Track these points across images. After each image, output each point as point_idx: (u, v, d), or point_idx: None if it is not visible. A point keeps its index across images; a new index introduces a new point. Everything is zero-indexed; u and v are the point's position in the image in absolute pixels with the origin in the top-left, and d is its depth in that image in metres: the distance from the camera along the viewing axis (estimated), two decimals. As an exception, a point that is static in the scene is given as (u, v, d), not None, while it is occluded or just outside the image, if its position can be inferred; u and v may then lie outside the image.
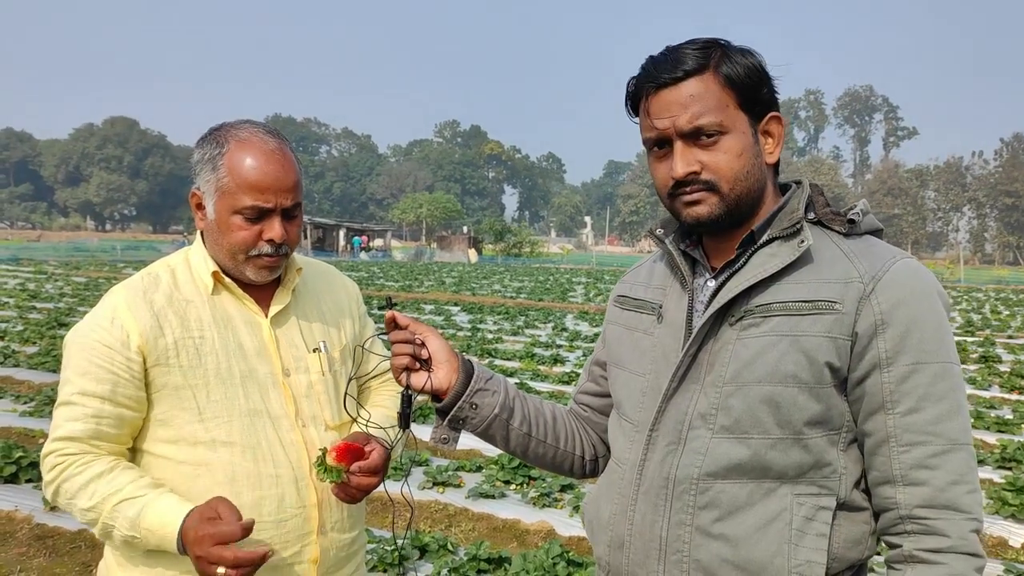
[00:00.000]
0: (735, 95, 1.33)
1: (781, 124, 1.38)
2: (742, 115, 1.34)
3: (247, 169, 1.63)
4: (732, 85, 1.32)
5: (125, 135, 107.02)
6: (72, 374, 1.63)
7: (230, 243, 1.67)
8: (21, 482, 5.54)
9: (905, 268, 1.32)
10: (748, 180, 1.35)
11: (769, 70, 1.37)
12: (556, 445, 1.62)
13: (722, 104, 1.32)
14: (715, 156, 1.33)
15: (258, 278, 1.71)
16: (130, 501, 1.57)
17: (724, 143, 1.33)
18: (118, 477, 1.61)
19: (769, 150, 1.38)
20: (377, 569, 4.33)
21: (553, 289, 28.02)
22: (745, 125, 1.34)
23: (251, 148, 1.65)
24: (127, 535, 1.57)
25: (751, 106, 1.34)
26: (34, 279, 25.68)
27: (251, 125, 1.70)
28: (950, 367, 1.29)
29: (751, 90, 1.33)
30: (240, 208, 1.64)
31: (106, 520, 1.58)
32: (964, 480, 1.27)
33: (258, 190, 1.64)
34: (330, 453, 1.62)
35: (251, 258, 1.68)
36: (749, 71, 1.33)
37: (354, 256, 55.03)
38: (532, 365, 11.17)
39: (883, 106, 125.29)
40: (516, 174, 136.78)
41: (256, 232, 1.66)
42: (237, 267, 1.70)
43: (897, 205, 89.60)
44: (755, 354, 1.31)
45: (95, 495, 1.58)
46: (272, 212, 1.66)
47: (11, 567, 4.32)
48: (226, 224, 1.66)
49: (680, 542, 1.34)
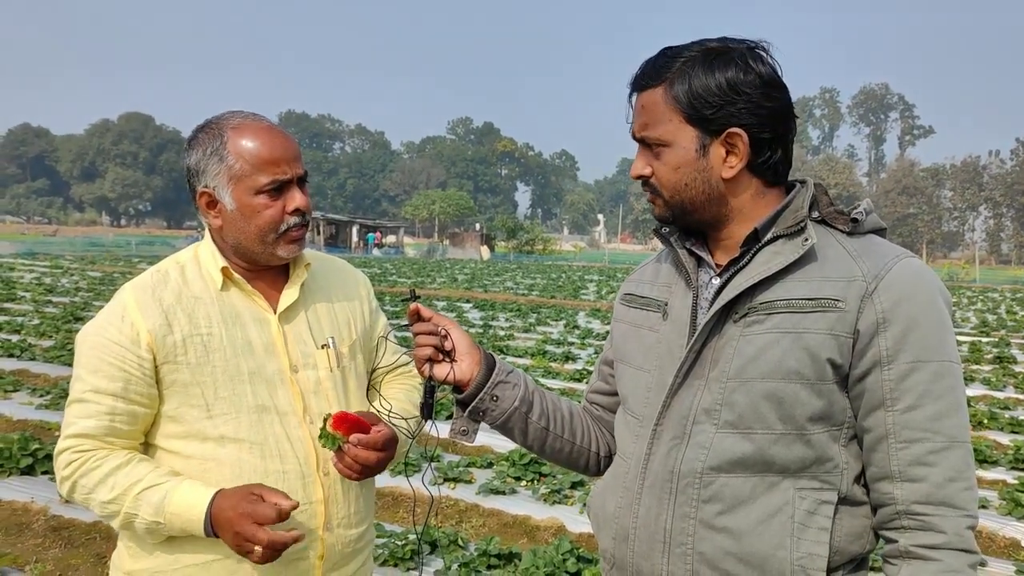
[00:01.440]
0: (680, 110, 1.36)
1: (743, 140, 1.36)
2: (689, 130, 1.37)
3: (255, 148, 1.67)
4: (678, 101, 1.36)
5: (140, 131, 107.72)
6: (84, 372, 1.66)
7: (259, 225, 1.69)
8: (37, 474, 5.60)
9: (907, 267, 1.33)
10: (689, 192, 1.40)
11: (749, 83, 1.34)
12: (572, 441, 1.64)
13: (666, 118, 1.38)
14: (659, 166, 1.42)
15: (289, 254, 1.74)
16: (153, 488, 1.61)
17: (665, 155, 1.40)
18: (137, 468, 1.64)
19: (730, 164, 1.38)
20: (388, 563, 4.35)
21: (565, 286, 28.01)
22: (690, 140, 1.37)
23: (249, 130, 1.68)
24: (151, 521, 1.60)
25: (701, 122, 1.36)
26: (50, 273, 25.90)
27: (232, 113, 1.74)
28: (950, 365, 1.31)
29: (699, 107, 1.35)
30: (261, 187, 1.67)
31: (128, 510, 1.61)
32: (961, 477, 1.29)
33: (273, 163, 1.67)
34: (330, 420, 1.65)
35: (281, 236, 1.71)
36: (703, 89, 1.34)
37: (367, 252, 55.17)
38: (543, 362, 11.19)
39: (899, 104, 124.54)
40: (529, 171, 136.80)
41: (280, 207, 1.69)
42: (267, 249, 1.72)
43: (912, 204, 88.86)
44: (758, 350, 1.33)
45: (116, 487, 1.61)
46: (290, 182, 1.70)
47: (27, 558, 4.38)
48: (250, 207, 1.68)
49: (684, 535, 1.36)
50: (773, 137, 1.38)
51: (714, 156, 1.38)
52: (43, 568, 4.25)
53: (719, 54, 1.36)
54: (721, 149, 1.37)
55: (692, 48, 1.38)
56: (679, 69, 1.36)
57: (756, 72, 1.35)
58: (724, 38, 1.40)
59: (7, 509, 5.02)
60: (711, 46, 1.37)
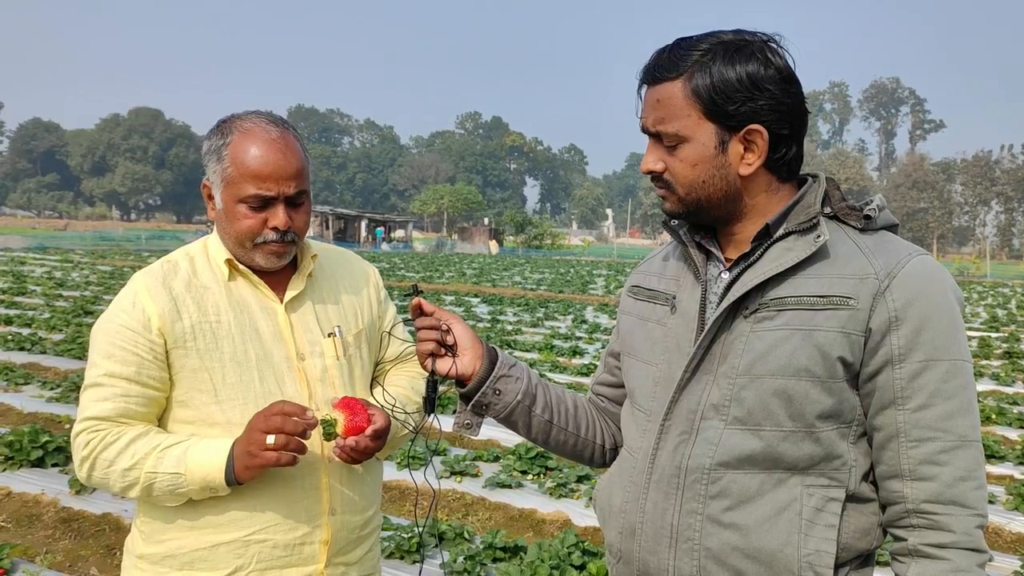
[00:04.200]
0: (701, 106, 1.33)
1: (763, 136, 1.34)
2: (708, 125, 1.34)
3: (249, 159, 1.67)
4: (698, 96, 1.33)
5: (150, 125, 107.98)
6: (98, 357, 1.69)
7: (236, 231, 1.71)
8: (47, 466, 5.63)
9: (920, 265, 1.32)
10: (706, 189, 1.37)
11: (770, 78, 1.32)
12: (577, 433, 1.64)
13: (684, 113, 1.34)
14: (673, 161, 1.38)
15: (268, 264, 1.75)
16: (174, 446, 1.65)
17: (682, 151, 1.36)
18: (157, 436, 1.68)
19: (748, 161, 1.36)
20: (394, 556, 4.37)
21: (573, 281, 28.00)
22: (709, 136, 1.34)
23: (253, 138, 1.68)
24: (172, 473, 1.62)
25: (721, 118, 1.33)
26: (61, 267, 26.03)
27: (256, 115, 1.74)
28: (962, 364, 1.30)
29: (720, 103, 1.32)
30: (243, 197, 1.68)
31: (150, 469, 1.63)
32: (971, 476, 1.28)
33: (260, 179, 1.67)
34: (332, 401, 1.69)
35: (258, 245, 1.72)
36: (724, 84, 1.31)
37: (375, 247, 55.23)
38: (551, 357, 11.20)
39: (910, 98, 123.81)
40: (538, 166, 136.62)
41: (261, 220, 1.70)
42: (246, 254, 1.74)
43: (923, 199, 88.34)
44: (769, 347, 1.32)
45: (136, 453, 1.64)
46: (275, 200, 1.69)
47: (38, 549, 4.41)
48: (232, 213, 1.70)
49: (691, 530, 1.36)
50: (791, 133, 1.36)
51: (732, 153, 1.35)
52: (53, 559, 4.29)
53: (738, 47, 1.33)
54: (739, 146, 1.35)
55: (708, 40, 1.34)
56: (698, 62, 1.32)
57: (775, 66, 1.33)
58: (739, 30, 1.37)
59: (18, 501, 5.06)
60: (727, 39, 1.34)
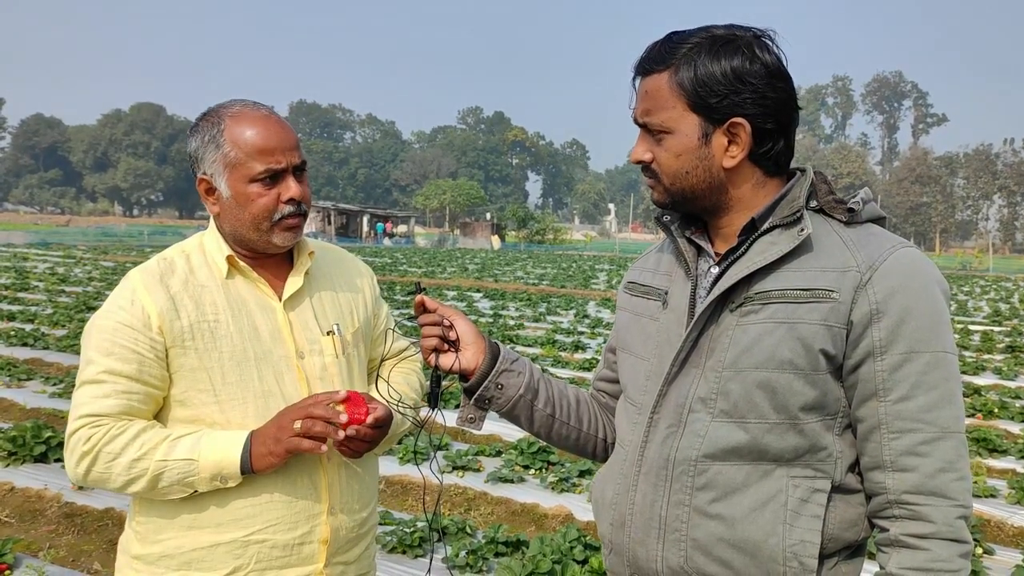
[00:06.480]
0: (685, 98, 1.36)
1: (746, 129, 1.36)
2: (692, 117, 1.36)
3: (251, 136, 1.68)
4: (683, 88, 1.35)
5: (152, 121, 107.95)
6: (97, 354, 1.66)
7: (253, 213, 1.70)
8: (50, 461, 5.66)
9: (903, 257, 1.33)
10: (689, 179, 1.40)
11: (755, 72, 1.33)
12: (579, 427, 1.66)
13: (669, 105, 1.37)
14: (660, 152, 1.41)
15: (284, 243, 1.75)
16: (186, 435, 1.65)
17: (667, 142, 1.39)
18: (164, 428, 1.68)
19: (732, 154, 1.37)
20: (396, 550, 4.39)
21: (576, 276, 28.01)
22: (693, 128, 1.37)
23: (246, 118, 1.70)
24: (184, 460, 1.62)
25: (705, 110, 1.36)
26: (63, 263, 26.08)
27: (236, 101, 1.75)
28: (944, 356, 1.31)
29: (704, 95, 1.34)
30: (254, 175, 1.68)
31: (160, 458, 1.62)
32: (953, 468, 1.29)
33: (267, 152, 1.68)
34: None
35: (276, 223, 1.72)
36: (708, 77, 1.33)
37: (377, 242, 55.25)
38: (553, 352, 11.21)
39: (912, 92, 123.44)
40: (540, 161, 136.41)
41: (275, 196, 1.71)
42: (263, 237, 1.73)
43: (925, 193, 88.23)
44: (753, 340, 1.34)
45: (146, 443, 1.63)
46: (285, 172, 1.71)
47: (41, 544, 4.44)
48: (244, 195, 1.70)
49: (679, 521, 1.38)
50: (776, 128, 1.37)
51: (716, 145, 1.38)
52: (56, 554, 4.31)
53: (726, 42, 1.35)
54: (723, 138, 1.37)
55: (698, 34, 1.37)
56: (684, 55, 1.35)
57: (762, 62, 1.34)
58: (731, 25, 1.39)
59: (21, 496, 5.08)
60: (717, 33, 1.36)
